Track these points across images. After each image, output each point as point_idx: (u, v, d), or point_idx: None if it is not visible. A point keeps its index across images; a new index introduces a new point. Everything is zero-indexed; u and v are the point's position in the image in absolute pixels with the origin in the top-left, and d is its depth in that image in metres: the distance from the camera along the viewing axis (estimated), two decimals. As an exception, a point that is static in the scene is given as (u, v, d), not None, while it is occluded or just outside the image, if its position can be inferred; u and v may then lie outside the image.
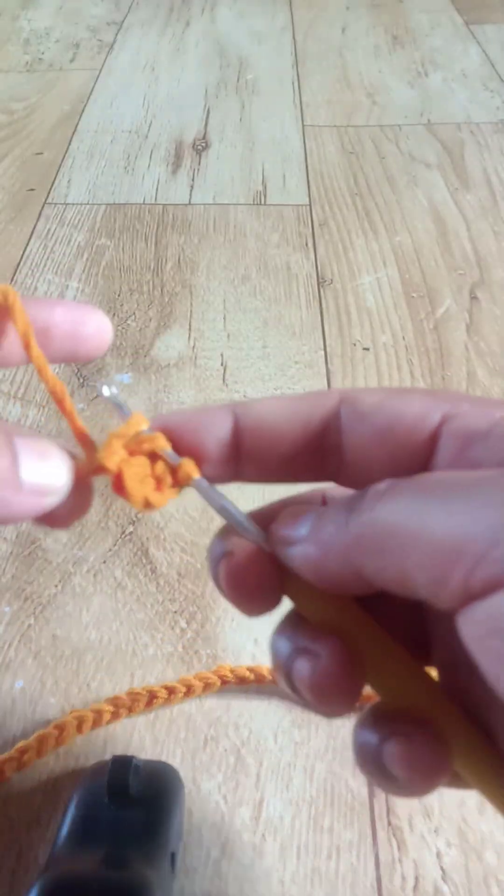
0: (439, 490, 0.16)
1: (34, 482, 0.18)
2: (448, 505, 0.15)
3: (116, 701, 0.37)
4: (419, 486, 0.16)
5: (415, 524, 0.16)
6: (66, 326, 0.21)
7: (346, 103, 0.92)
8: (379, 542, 0.16)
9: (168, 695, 0.37)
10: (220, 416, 0.20)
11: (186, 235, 0.71)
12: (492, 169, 0.79)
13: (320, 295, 0.64)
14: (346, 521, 0.17)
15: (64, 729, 0.36)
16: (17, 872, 0.33)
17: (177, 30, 1.10)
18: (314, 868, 0.33)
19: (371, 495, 0.17)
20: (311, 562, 0.18)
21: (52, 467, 0.19)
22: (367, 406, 0.19)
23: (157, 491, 0.20)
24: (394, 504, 0.16)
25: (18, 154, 0.83)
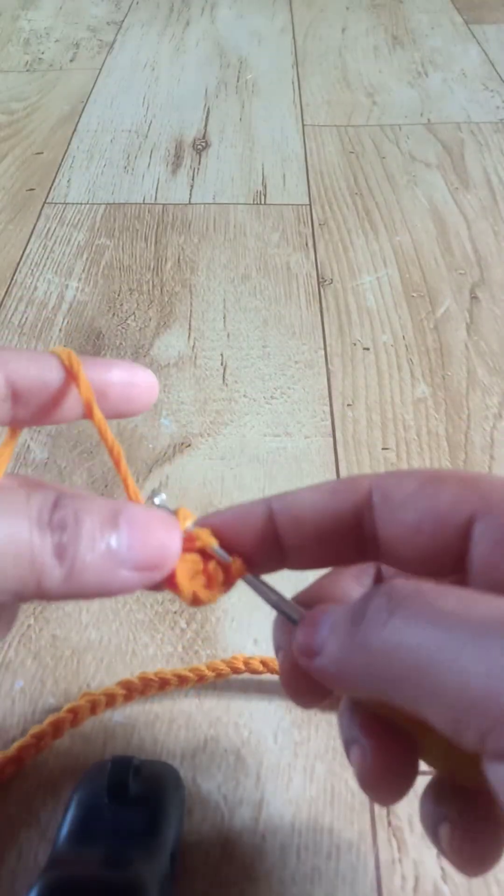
0: (454, 622, 0.15)
1: (135, 560, 0.18)
2: (463, 646, 0.15)
3: (128, 685, 0.37)
4: (430, 610, 0.16)
5: (429, 660, 0.15)
6: (120, 388, 0.23)
7: (346, 103, 0.92)
8: (390, 670, 0.16)
9: (179, 681, 0.37)
10: (257, 511, 0.21)
11: (186, 235, 0.71)
12: (492, 169, 0.79)
13: (320, 295, 0.64)
14: (352, 640, 0.17)
15: (77, 712, 0.36)
16: (17, 872, 0.33)
17: (177, 30, 1.10)
18: (314, 868, 0.33)
19: (375, 610, 0.16)
20: (329, 679, 0.18)
21: (154, 545, 0.19)
22: (398, 498, 0.19)
23: (206, 588, 0.21)
24: (404, 628, 0.16)
25: (18, 154, 0.83)
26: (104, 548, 0.18)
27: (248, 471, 0.49)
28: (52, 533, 0.18)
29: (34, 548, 0.17)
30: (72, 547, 0.18)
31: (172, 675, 0.37)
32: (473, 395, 0.54)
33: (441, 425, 0.52)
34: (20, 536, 0.17)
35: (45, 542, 0.17)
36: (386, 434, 0.52)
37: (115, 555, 0.18)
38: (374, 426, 0.52)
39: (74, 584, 0.18)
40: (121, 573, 0.18)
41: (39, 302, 0.63)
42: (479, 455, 0.50)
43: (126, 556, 0.18)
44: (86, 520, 0.18)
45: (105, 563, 0.18)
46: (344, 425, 0.52)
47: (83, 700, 0.37)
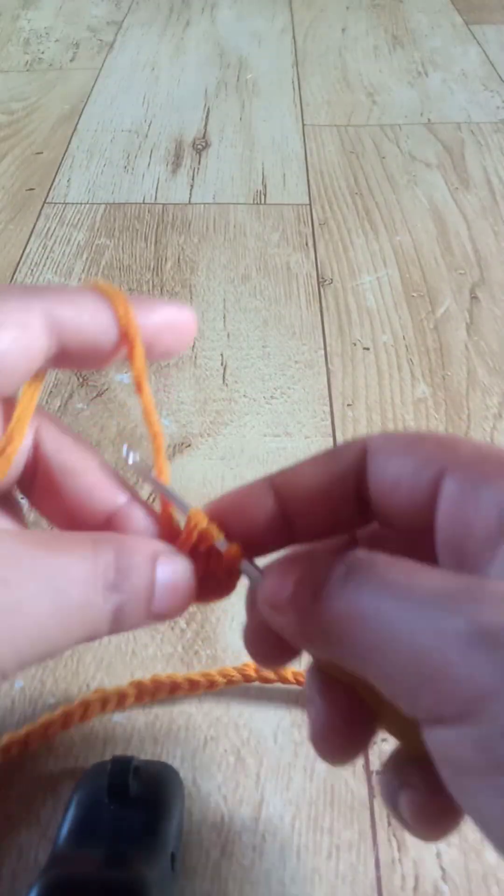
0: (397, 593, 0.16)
1: (159, 613, 0.20)
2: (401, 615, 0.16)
3: (140, 686, 0.37)
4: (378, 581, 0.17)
5: (373, 627, 0.16)
6: (166, 332, 0.22)
7: (346, 103, 0.92)
8: (341, 635, 0.17)
9: (189, 686, 0.37)
10: (261, 490, 0.21)
11: (186, 235, 0.71)
12: (492, 169, 0.79)
13: (320, 295, 0.64)
14: (313, 602, 0.17)
15: (88, 706, 0.36)
16: (17, 872, 0.33)
17: (177, 30, 1.10)
18: (314, 868, 0.33)
19: (335, 577, 0.17)
20: (291, 635, 0.19)
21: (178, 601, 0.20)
22: (383, 456, 0.20)
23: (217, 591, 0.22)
24: (356, 596, 0.17)
25: (18, 154, 0.83)
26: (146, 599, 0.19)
27: (248, 471, 0.49)
28: (113, 596, 0.19)
29: (103, 614, 0.18)
30: (125, 607, 0.19)
31: (184, 680, 0.37)
32: (473, 395, 0.54)
33: (441, 425, 0.52)
34: (91, 601, 0.18)
35: (108, 606, 0.18)
36: (386, 434, 0.52)
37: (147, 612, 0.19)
38: (374, 426, 0.52)
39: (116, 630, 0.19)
40: (144, 621, 0.20)
41: (39, 302, 0.63)
42: (479, 455, 0.50)
43: (155, 612, 0.20)
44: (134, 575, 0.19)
45: (144, 612, 0.19)
46: (344, 425, 0.52)
47: (94, 696, 0.37)
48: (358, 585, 0.17)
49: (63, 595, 0.18)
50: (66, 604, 0.18)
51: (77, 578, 0.18)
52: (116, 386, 0.56)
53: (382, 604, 0.16)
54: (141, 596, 0.19)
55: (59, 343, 0.20)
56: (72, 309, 0.20)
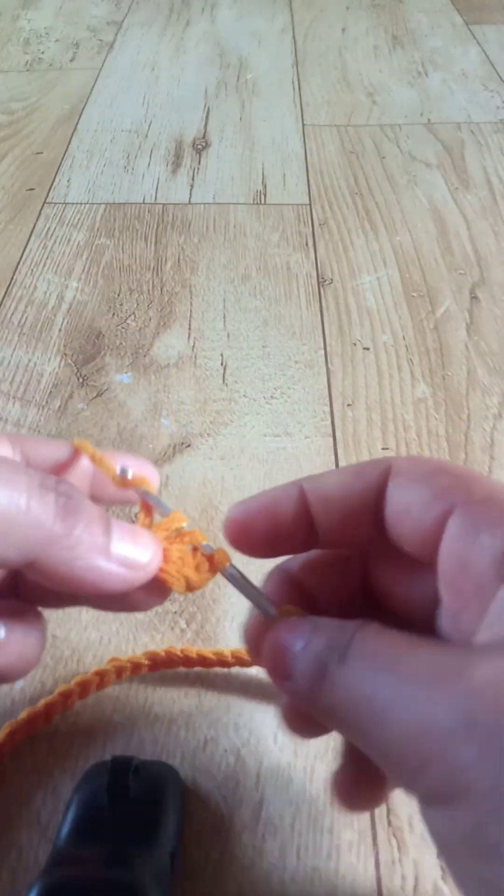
0: (394, 674, 0.16)
1: (123, 555, 0.20)
2: (402, 703, 0.16)
3: (153, 656, 0.38)
4: (381, 660, 0.17)
5: (373, 711, 0.16)
6: None
7: (346, 103, 0.92)
8: (342, 719, 0.17)
9: (201, 661, 0.38)
10: (291, 494, 0.22)
11: (186, 235, 0.71)
12: (492, 169, 0.79)
13: (320, 295, 0.64)
14: (311, 686, 0.18)
15: (104, 675, 0.37)
16: (16, 872, 0.33)
17: (177, 30, 1.10)
18: (314, 868, 0.33)
19: (333, 664, 0.18)
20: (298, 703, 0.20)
21: (141, 545, 0.21)
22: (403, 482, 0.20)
23: (196, 573, 0.22)
24: (354, 682, 0.17)
25: (18, 154, 0.83)
26: (98, 532, 0.20)
27: (248, 471, 0.49)
28: (57, 495, 0.19)
29: (33, 503, 0.18)
30: (73, 515, 0.19)
31: (196, 654, 0.38)
32: (473, 396, 0.54)
33: (441, 425, 0.52)
34: (22, 492, 0.18)
35: (48, 499, 0.19)
36: (386, 434, 0.52)
37: (106, 546, 0.20)
38: (374, 426, 0.52)
39: (69, 550, 0.19)
40: (108, 563, 0.20)
41: (39, 302, 0.63)
42: (479, 455, 0.50)
43: (116, 551, 0.20)
44: (85, 501, 0.20)
45: (97, 546, 0.20)
46: (344, 425, 0.52)
47: (109, 665, 0.38)
48: (354, 668, 0.17)
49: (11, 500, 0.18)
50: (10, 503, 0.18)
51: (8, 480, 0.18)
52: (116, 386, 0.56)
53: (376, 687, 0.16)
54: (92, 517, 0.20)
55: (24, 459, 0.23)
56: (34, 439, 0.24)
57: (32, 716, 0.36)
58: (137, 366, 0.57)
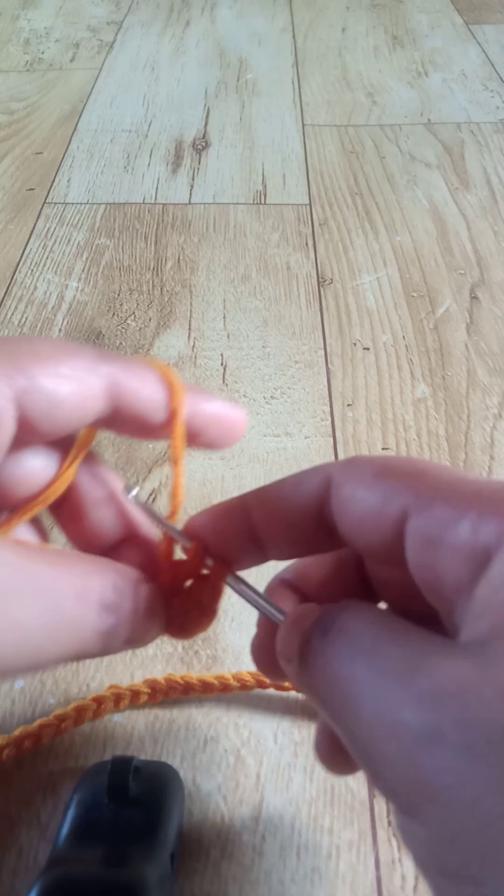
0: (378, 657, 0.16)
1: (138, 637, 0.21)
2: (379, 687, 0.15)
3: (153, 684, 0.38)
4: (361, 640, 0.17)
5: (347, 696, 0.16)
6: (210, 420, 0.23)
7: (346, 103, 0.92)
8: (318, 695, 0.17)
9: (203, 688, 0.38)
10: (235, 508, 0.22)
11: (186, 235, 0.71)
12: (492, 169, 0.79)
13: (320, 295, 0.64)
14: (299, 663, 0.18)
15: (102, 702, 0.37)
16: (17, 872, 0.33)
17: (177, 30, 1.10)
18: (314, 868, 0.33)
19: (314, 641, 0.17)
20: None
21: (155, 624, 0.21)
22: (346, 492, 0.19)
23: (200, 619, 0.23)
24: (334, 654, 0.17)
25: (18, 154, 0.83)
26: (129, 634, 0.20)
27: (248, 471, 0.49)
28: (107, 615, 0.19)
29: (88, 629, 0.19)
30: (114, 630, 0.20)
31: (197, 681, 0.38)
32: (473, 396, 0.54)
33: (441, 425, 0.52)
34: (83, 617, 0.19)
35: (101, 625, 0.19)
36: (386, 434, 0.52)
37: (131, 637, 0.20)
38: (374, 426, 0.52)
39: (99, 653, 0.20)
40: (125, 645, 0.20)
41: (39, 302, 0.63)
42: (478, 455, 0.50)
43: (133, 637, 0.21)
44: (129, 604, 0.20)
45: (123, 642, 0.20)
46: (344, 425, 0.52)
47: (108, 692, 0.37)
48: (334, 645, 0.17)
49: (56, 608, 0.18)
50: (57, 617, 0.18)
51: (71, 594, 0.18)
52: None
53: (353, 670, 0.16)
54: (131, 618, 0.20)
55: (114, 408, 0.21)
56: (134, 382, 0.21)
57: (24, 735, 0.36)
58: (137, 366, 0.57)
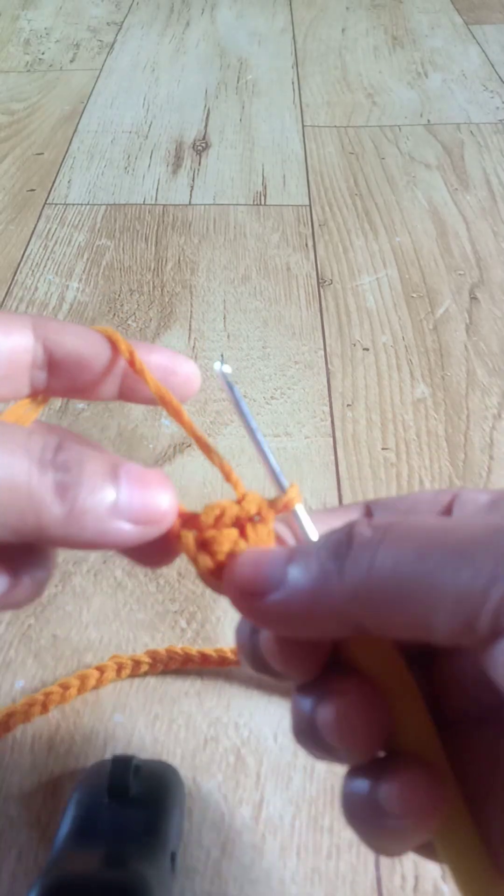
0: (441, 541, 0.16)
1: (134, 510, 0.18)
2: (460, 555, 0.16)
3: (154, 654, 0.38)
4: (417, 535, 0.17)
5: (430, 575, 0.16)
6: (159, 373, 0.22)
7: (345, 104, 0.92)
8: (389, 593, 0.17)
9: (201, 659, 0.38)
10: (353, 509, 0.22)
11: (186, 236, 0.71)
12: (491, 169, 0.79)
13: (320, 295, 0.64)
14: (340, 570, 0.17)
15: (104, 671, 0.38)
16: (17, 873, 0.33)
17: (177, 30, 1.10)
18: (314, 868, 0.33)
19: (361, 543, 0.17)
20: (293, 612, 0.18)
21: (153, 494, 0.19)
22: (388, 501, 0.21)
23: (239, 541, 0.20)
24: (396, 554, 0.17)
25: (19, 154, 0.83)
26: (104, 495, 0.18)
27: (248, 471, 0.49)
28: (55, 472, 0.18)
29: (33, 483, 0.17)
30: (73, 488, 0.18)
31: (197, 653, 0.38)
32: (473, 396, 0.54)
33: (440, 425, 0.52)
34: (19, 470, 0.17)
35: (46, 479, 0.18)
36: (385, 434, 0.52)
37: (115, 504, 0.18)
38: (374, 426, 0.52)
39: (74, 525, 0.18)
40: (119, 523, 0.18)
41: (40, 302, 0.64)
42: (478, 455, 0.50)
43: (125, 507, 0.18)
44: (87, 466, 0.18)
45: (105, 510, 0.18)
46: (344, 425, 0.52)
47: (111, 661, 0.38)
48: (394, 542, 0.17)
49: None
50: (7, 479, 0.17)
51: (6, 445, 0.17)
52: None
53: (424, 553, 0.16)
54: (95, 481, 0.18)
55: (48, 352, 0.21)
56: (61, 325, 0.22)
57: (30, 703, 0.37)
58: (137, 366, 0.57)
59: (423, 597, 0.16)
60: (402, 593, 0.16)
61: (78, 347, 0.21)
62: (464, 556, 0.16)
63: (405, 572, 0.16)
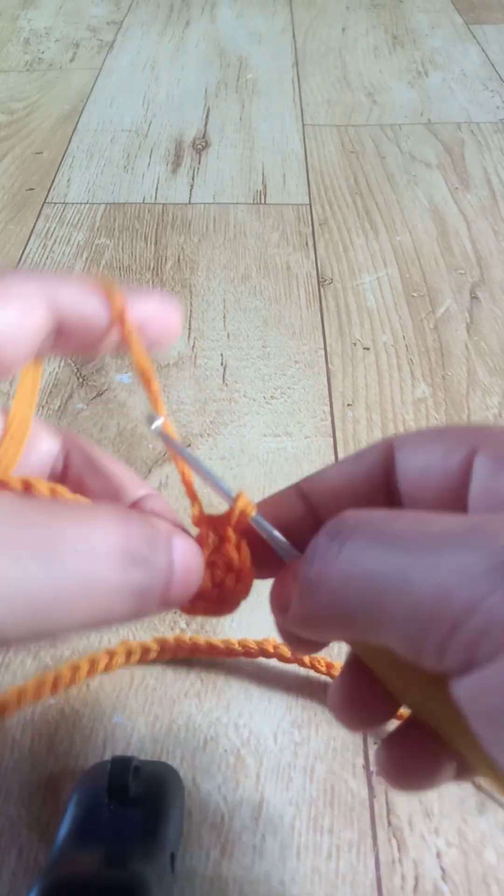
0: (405, 543, 0.15)
1: (177, 595, 0.18)
2: (414, 564, 0.15)
3: (162, 643, 0.39)
4: (379, 536, 0.16)
5: (382, 583, 0.15)
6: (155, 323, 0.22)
7: (346, 103, 0.92)
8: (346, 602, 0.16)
9: (209, 649, 0.39)
10: (290, 496, 0.21)
11: (186, 235, 0.71)
12: (492, 169, 0.79)
13: (320, 294, 0.64)
14: (308, 582, 0.17)
15: (113, 655, 0.38)
16: (17, 873, 0.33)
17: (177, 30, 1.10)
18: (314, 868, 0.33)
19: (324, 546, 0.17)
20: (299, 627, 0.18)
21: (194, 579, 0.19)
22: (412, 446, 0.20)
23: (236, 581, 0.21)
24: (356, 557, 0.16)
25: (18, 153, 0.83)
26: (164, 589, 0.18)
27: (248, 471, 0.49)
28: (136, 569, 0.17)
29: (112, 585, 0.16)
30: (149, 592, 0.17)
31: (204, 643, 0.39)
32: (473, 396, 0.54)
33: (441, 425, 0.52)
34: (99, 572, 0.16)
35: (128, 581, 0.17)
36: (386, 434, 0.52)
37: (168, 593, 0.18)
38: (374, 426, 0.52)
39: (134, 617, 0.18)
40: (161, 607, 0.18)
41: (39, 302, 0.63)
42: (479, 455, 0.50)
43: (174, 593, 0.18)
44: (159, 558, 0.18)
45: (162, 600, 0.18)
46: (344, 425, 0.52)
47: (120, 646, 0.38)
48: (356, 545, 0.16)
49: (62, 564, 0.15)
50: (65, 573, 0.15)
51: (84, 547, 0.16)
52: (116, 386, 0.56)
53: (384, 557, 0.15)
54: (163, 575, 0.17)
55: (56, 321, 0.21)
56: (69, 289, 0.21)
57: (40, 682, 0.37)
58: (137, 366, 0.57)
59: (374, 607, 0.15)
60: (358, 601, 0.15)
61: (82, 312, 0.21)
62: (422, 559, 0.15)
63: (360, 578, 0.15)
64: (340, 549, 0.16)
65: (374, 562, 0.15)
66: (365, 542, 0.16)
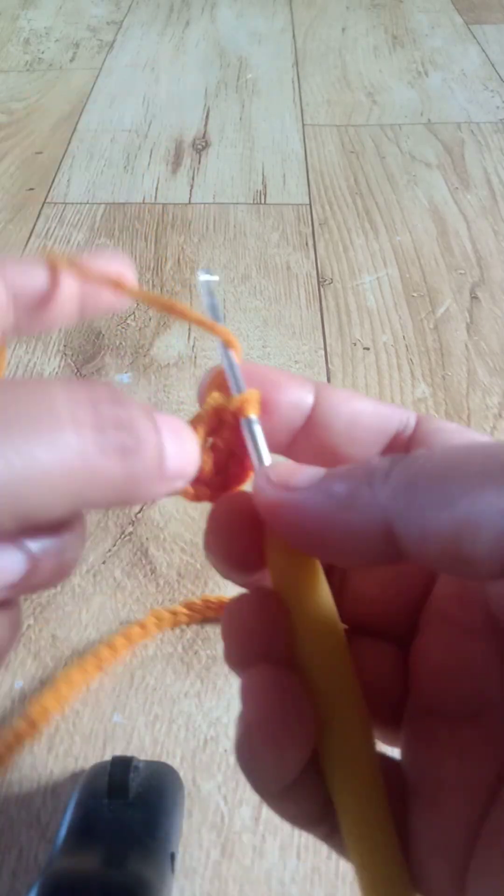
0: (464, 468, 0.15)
1: (175, 471, 0.17)
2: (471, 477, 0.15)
3: (192, 606, 0.40)
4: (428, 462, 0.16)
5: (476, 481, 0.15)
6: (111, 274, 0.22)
7: (346, 103, 0.92)
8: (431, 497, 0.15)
9: (219, 608, 0.40)
10: (303, 388, 0.20)
11: (186, 235, 0.71)
12: (492, 168, 0.79)
13: (320, 294, 0.64)
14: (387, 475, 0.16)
15: (146, 626, 0.39)
16: (17, 872, 0.33)
17: (177, 30, 1.10)
18: (314, 868, 0.33)
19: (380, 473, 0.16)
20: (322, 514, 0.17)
21: (187, 451, 0.18)
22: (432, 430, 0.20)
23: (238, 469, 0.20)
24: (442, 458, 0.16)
25: (18, 154, 0.83)
26: (157, 456, 0.17)
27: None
28: (116, 432, 0.16)
29: (90, 456, 0.16)
30: (133, 454, 0.16)
31: (216, 600, 0.40)
32: (473, 395, 0.54)
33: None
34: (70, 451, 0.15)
35: (108, 445, 0.16)
36: (386, 434, 0.52)
37: (162, 469, 0.17)
38: (374, 426, 0.52)
39: (127, 490, 0.16)
40: (166, 482, 0.17)
41: (39, 302, 0.63)
42: (479, 455, 0.50)
43: (170, 466, 0.17)
44: (140, 423, 0.17)
45: (157, 472, 0.17)
46: (344, 425, 0.52)
47: (150, 616, 0.40)
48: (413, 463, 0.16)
49: None
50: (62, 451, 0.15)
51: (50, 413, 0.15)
52: (116, 385, 0.56)
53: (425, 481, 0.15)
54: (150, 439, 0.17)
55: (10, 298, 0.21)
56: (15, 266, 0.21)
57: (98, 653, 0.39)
58: (137, 366, 0.57)
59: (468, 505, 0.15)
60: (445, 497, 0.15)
61: (36, 286, 0.21)
62: None
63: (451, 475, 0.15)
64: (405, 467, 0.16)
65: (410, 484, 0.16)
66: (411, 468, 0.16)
